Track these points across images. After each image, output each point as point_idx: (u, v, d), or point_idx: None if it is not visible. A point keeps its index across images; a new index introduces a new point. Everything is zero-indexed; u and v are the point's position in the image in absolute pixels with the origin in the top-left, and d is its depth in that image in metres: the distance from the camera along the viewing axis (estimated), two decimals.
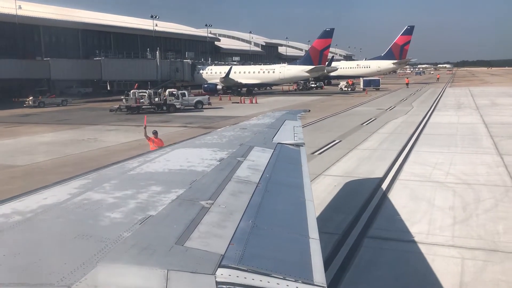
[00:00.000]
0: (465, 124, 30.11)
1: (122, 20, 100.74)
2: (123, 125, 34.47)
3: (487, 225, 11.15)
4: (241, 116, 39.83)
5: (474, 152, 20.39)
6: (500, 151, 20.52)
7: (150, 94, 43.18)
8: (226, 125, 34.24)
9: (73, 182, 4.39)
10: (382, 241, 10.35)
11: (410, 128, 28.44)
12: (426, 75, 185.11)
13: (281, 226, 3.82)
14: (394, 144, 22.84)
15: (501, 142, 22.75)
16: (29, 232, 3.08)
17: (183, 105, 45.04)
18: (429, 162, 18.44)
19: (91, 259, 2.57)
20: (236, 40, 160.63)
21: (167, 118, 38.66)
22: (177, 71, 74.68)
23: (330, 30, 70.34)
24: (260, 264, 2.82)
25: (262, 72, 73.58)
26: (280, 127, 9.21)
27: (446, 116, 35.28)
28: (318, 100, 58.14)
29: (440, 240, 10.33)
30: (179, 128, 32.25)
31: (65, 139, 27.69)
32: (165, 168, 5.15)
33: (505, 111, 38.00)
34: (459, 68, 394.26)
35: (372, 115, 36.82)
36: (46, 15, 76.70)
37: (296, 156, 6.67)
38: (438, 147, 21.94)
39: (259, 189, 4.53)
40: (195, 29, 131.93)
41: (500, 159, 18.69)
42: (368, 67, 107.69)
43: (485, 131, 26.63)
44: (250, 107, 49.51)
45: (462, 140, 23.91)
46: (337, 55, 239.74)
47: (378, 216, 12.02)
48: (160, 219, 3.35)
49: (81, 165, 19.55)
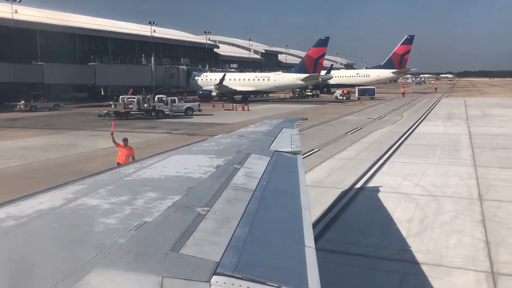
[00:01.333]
0: (449, 135, 29.90)
1: (121, 26, 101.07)
2: (108, 131, 34.22)
3: (439, 239, 10.93)
4: (228, 123, 39.79)
5: (450, 164, 20.17)
6: (477, 162, 20.30)
7: (139, 100, 43.10)
8: (212, 132, 34.55)
9: (68, 187, 4.36)
10: (327, 253, 10.12)
11: (393, 138, 28.23)
12: (426, 85, 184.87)
13: (277, 234, 3.81)
14: (371, 154, 22.63)
15: (480, 154, 22.54)
16: (23, 237, 3.06)
17: (173, 111, 44.94)
18: (401, 173, 18.23)
19: (85, 265, 2.56)
20: (235, 47, 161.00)
21: (154, 124, 38.56)
22: (172, 77, 74.75)
23: (325, 39, 70.39)
24: (256, 272, 2.81)
25: (257, 80, 73.56)
26: (277, 135, 9.23)
27: (433, 127, 35.09)
28: (311, 109, 58.02)
29: (387, 253, 10.13)
30: (163, 135, 32.13)
31: (45, 144, 27.57)
32: (162, 175, 5.15)
33: (494, 122, 37.79)
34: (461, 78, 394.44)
35: (359, 124, 36.65)
36: (43, 20, 77.00)
37: (293, 164, 6.68)
38: (415, 157, 21.73)
39: (256, 197, 4.52)
40: (195, 36, 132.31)
41: (473, 171, 18.47)
42: (368, 76, 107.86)
43: (467, 142, 26.42)
44: (240, 115, 49.41)
45: (442, 151, 23.71)
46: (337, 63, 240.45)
47: (332, 228, 11.80)
48: (155, 226, 3.34)
49: (51, 170, 19.45)
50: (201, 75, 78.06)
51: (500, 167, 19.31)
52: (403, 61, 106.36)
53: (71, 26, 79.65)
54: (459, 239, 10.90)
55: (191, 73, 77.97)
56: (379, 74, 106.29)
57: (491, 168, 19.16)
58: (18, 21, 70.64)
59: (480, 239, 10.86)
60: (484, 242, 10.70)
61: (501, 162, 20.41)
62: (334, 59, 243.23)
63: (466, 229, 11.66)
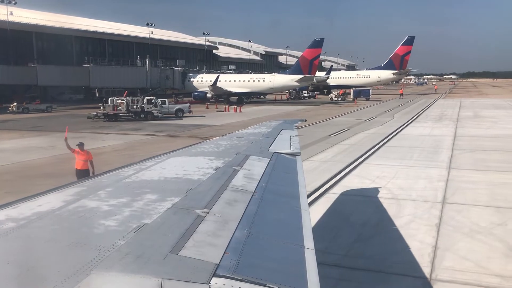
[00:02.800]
0: (434, 136, 29.60)
1: (118, 28, 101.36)
2: (92, 133, 34.25)
3: (387, 244, 10.72)
4: (216, 125, 39.73)
5: (424, 166, 19.91)
6: (452, 165, 20.04)
7: (128, 101, 43.04)
8: (197, 133, 34.45)
9: (68, 190, 4.36)
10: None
11: (376, 140, 27.96)
12: (427, 86, 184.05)
13: (277, 236, 3.80)
14: (348, 156, 22.40)
15: (458, 156, 22.28)
16: (22, 239, 3.07)
17: (162, 113, 44.86)
18: (371, 175, 18.00)
19: (85, 267, 2.56)
20: (235, 48, 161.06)
21: (140, 126, 38.47)
22: (167, 78, 74.74)
23: (320, 40, 70.15)
24: (255, 273, 2.81)
25: (252, 81, 73.42)
26: (276, 136, 9.22)
27: (420, 128, 34.79)
28: (304, 110, 57.77)
29: (331, 259, 9.91)
30: (146, 136, 32.00)
31: (25, 146, 27.52)
32: (161, 176, 5.14)
33: (483, 123, 37.45)
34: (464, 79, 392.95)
35: (347, 126, 36.40)
36: (39, 22, 77.26)
37: (292, 166, 6.66)
38: (391, 159, 21.49)
39: (255, 198, 4.51)
40: (194, 37, 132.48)
41: (446, 173, 18.21)
42: (368, 77, 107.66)
43: (450, 144, 26.12)
44: (231, 116, 49.27)
45: (420, 153, 23.44)
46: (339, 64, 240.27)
47: None
48: (155, 228, 3.34)
49: (21, 173, 19.39)
50: (196, 76, 78.03)
51: (474, 169, 19.04)
52: (404, 62, 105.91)
53: (68, 28, 79.95)
54: (407, 245, 10.67)
55: (186, 75, 77.92)
56: (380, 75, 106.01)
57: (464, 170, 18.90)
58: (14, 23, 70.98)
59: (429, 244, 10.63)
60: (432, 247, 10.46)
61: (476, 164, 20.14)
62: (336, 60, 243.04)
63: (418, 233, 11.43)
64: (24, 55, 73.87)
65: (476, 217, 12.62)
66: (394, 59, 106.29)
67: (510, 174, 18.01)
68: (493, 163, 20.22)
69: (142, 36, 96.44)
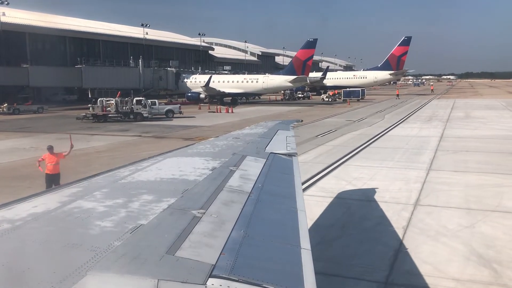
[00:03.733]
0: (420, 137, 29.48)
1: (113, 28, 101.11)
2: (78, 134, 34.03)
3: (349, 247, 10.59)
4: (204, 126, 39.66)
5: (404, 167, 19.79)
6: (433, 166, 19.92)
7: (117, 102, 42.88)
8: (182, 134, 34.31)
9: (63, 190, 4.35)
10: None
11: (361, 141, 27.83)
12: (424, 87, 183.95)
13: (273, 236, 3.80)
14: (330, 157, 22.27)
15: (440, 157, 22.17)
16: (18, 240, 3.05)
17: (152, 113, 44.71)
18: (348, 177, 17.87)
19: (80, 268, 2.55)
20: (232, 49, 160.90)
21: (128, 127, 38.31)
22: (161, 79, 74.59)
23: (313, 40, 70.09)
24: (252, 274, 2.81)
25: (245, 82, 73.29)
26: (273, 136, 9.22)
27: (408, 129, 34.68)
28: (296, 111, 57.63)
29: None
30: (132, 138, 31.84)
31: (7, 147, 27.35)
32: (157, 177, 5.14)
33: (472, 124, 37.38)
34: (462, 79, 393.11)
35: (335, 127, 36.28)
36: (33, 22, 77.02)
37: (288, 166, 6.66)
38: (372, 161, 21.37)
39: (251, 199, 4.52)
40: (189, 38, 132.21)
41: (424, 175, 18.10)
42: (365, 78, 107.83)
43: (434, 145, 26.00)
44: (222, 117, 49.17)
45: (403, 154, 23.32)
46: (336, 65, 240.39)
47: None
48: (151, 228, 3.33)
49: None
50: (190, 77, 77.86)
51: (454, 170, 18.93)
52: (401, 62, 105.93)
53: (61, 29, 79.70)
54: (370, 247, 10.55)
55: (180, 75, 77.75)
56: (376, 75, 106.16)
57: (444, 171, 18.79)
58: (7, 23, 70.69)
59: (391, 247, 10.50)
60: (395, 250, 10.34)
61: (457, 165, 20.02)
62: (333, 61, 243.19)
63: (383, 236, 11.31)
64: (17, 56, 73.59)
65: (445, 219, 12.50)
66: (390, 59, 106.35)
67: (487, 175, 17.89)
68: (473, 164, 20.12)
69: (137, 37, 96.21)
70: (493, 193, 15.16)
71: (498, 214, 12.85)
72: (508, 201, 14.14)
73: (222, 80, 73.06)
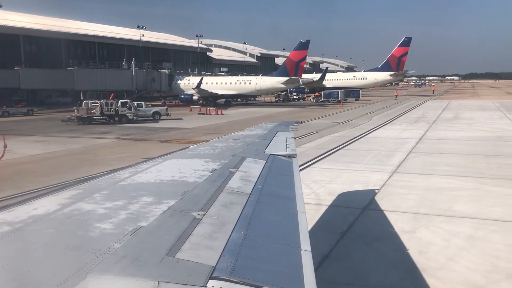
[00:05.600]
0: (399, 139, 29.10)
1: (109, 30, 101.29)
2: (59, 136, 34.00)
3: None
4: (187, 128, 39.49)
5: (369, 170, 19.45)
6: (399, 169, 19.57)
7: (102, 104, 42.76)
8: (162, 137, 34.15)
9: (63, 193, 4.35)
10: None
11: (338, 143, 27.48)
12: (425, 87, 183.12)
13: (273, 238, 3.79)
14: (298, 160, 21.89)
15: (411, 159, 21.82)
16: (18, 243, 3.07)
17: (137, 116, 44.58)
18: (309, 180, 17.53)
19: (80, 271, 2.55)
20: (231, 51, 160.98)
21: (110, 130, 38.15)
22: (154, 81, 74.52)
23: (306, 42, 69.84)
24: (252, 276, 2.80)
25: (238, 83, 73.07)
26: (272, 138, 9.21)
27: (390, 131, 34.27)
28: (285, 112, 57.33)
29: None
30: (109, 140, 31.66)
31: None
32: (157, 179, 5.13)
33: (457, 125, 36.99)
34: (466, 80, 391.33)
35: (318, 129, 35.91)
36: (28, 25, 77.25)
37: (288, 167, 6.66)
38: (340, 163, 21.05)
39: (251, 201, 4.51)
40: (188, 40, 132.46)
41: (386, 178, 17.79)
42: (365, 79, 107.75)
43: (410, 147, 25.60)
44: (209, 119, 48.98)
45: (374, 156, 22.96)
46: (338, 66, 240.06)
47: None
48: (151, 230, 3.33)
49: None
50: (183, 79, 77.73)
51: (419, 173, 18.59)
52: (401, 63, 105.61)
53: (56, 31, 79.90)
54: None
55: (173, 77, 77.65)
56: (377, 76, 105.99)
57: (408, 174, 18.45)
58: (2, 26, 70.89)
59: (321, 254, 10.17)
60: (323, 257, 10.02)
61: (424, 168, 19.68)
62: (334, 62, 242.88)
63: (319, 242, 10.97)
64: (12, 58, 73.84)
65: (388, 224, 12.18)
66: (391, 60, 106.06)
67: (451, 178, 17.52)
68: (442, 167, 19.74)
69: (133, 39, 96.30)
70: (449, 197, 14.82)
71: (444, 219, 12.52)
72: (460, 205, 13.80)
73: (215, 82, 72.89)
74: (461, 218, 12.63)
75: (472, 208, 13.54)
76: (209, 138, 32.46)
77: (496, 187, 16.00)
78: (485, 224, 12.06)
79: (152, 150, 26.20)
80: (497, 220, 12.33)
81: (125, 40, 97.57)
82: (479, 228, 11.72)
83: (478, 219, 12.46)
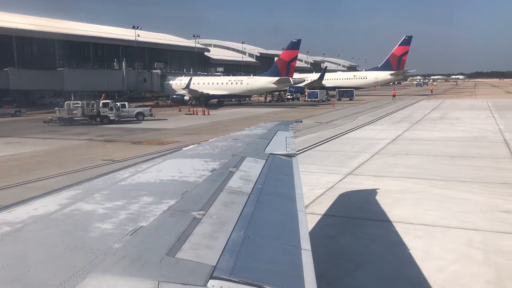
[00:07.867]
0: (372, 140, 28.66)
1: (105, 31, 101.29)
2: (34, 138, 33.83)
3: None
4: (167, 129, 39.25)
5: (325, 171, 19.07)
6: (356, 171, 19.20)
7: (83, 105, 42.63)
8: (137, 138, 33.94)
9: (63, 193, 4.35)
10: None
11: (308, 144, 27.08)
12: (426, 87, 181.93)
13: (273, 237, 3.79)
14: None
15: (373, 161, 21.44)
16: (18, 243, 3.07)
17: (121, 116, 44.40)
18: None
19: (81, 271, 2.55)
20: (230, 50, 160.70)
21: (88, 131, 37.97)
22: (145, 81, 74.36)
23: (297, 41, 69.43)
24: (252, 275, 2.81)
25: (230, 83, 72.78)
26: (272, 137, 9.20)
27: (368, 131, 33.85)
28: (273, 113, 56.95)
29: None
30: (81, 142, 31.46)
31: None
32: (157, 179, 5.14)
33: (439, 125, 36.51)
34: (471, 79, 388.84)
35: (296, 129, 35.42)
36: (21, 26, 77.38)
37: (288, 167, 6.67)
38: (300, 164, 20.56)
39: (251, 200, 4.51)
40: (186, 40, 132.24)
41: (337, 180, 17.41)
42: (365, 78, 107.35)
43: (379, 148, 25.17)
44: (194, 119, 48.74)
45: (338, 157, 22.56)
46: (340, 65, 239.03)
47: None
48: (151, 230, 3.33)
49: None
50: (175, 79, 77.54)
51: (373, 175, 18.20)
52: (401, 62, 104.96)
53: (50, 32, 79.98)
54: None
55: (165, 77, 77.50)
56: (377, 76, 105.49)
57: (362, 176, 18.08)
58: None
59: None
60: None
61: (382, 170, 19.26)
62: (336, 61, 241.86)
63: None
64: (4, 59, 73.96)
65: (316, 229, 11.80)
66: (391, 59, 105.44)
67: (403, 180, 17.11)
68: (400, 169, 19.33)
69: (129, 39, 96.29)
70: (393, 200, 14.43)
71: (374, 223, 12.18)
72: (398, 209, 13.39)
73: (206, 82, 72.65)
74: (394, 222, 12.23)
75: (410, 212, 13.14)
76: (184, 139, 32.45)
77: (444, 190, 15.58)
78: (414, 229, 11.66)
79: (118, 152, 25.97)
80: (427, 225, 11.93)
81: (120, 40, 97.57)
82: (405, 234, 11.32)
83: (409, 223, 12.06)
